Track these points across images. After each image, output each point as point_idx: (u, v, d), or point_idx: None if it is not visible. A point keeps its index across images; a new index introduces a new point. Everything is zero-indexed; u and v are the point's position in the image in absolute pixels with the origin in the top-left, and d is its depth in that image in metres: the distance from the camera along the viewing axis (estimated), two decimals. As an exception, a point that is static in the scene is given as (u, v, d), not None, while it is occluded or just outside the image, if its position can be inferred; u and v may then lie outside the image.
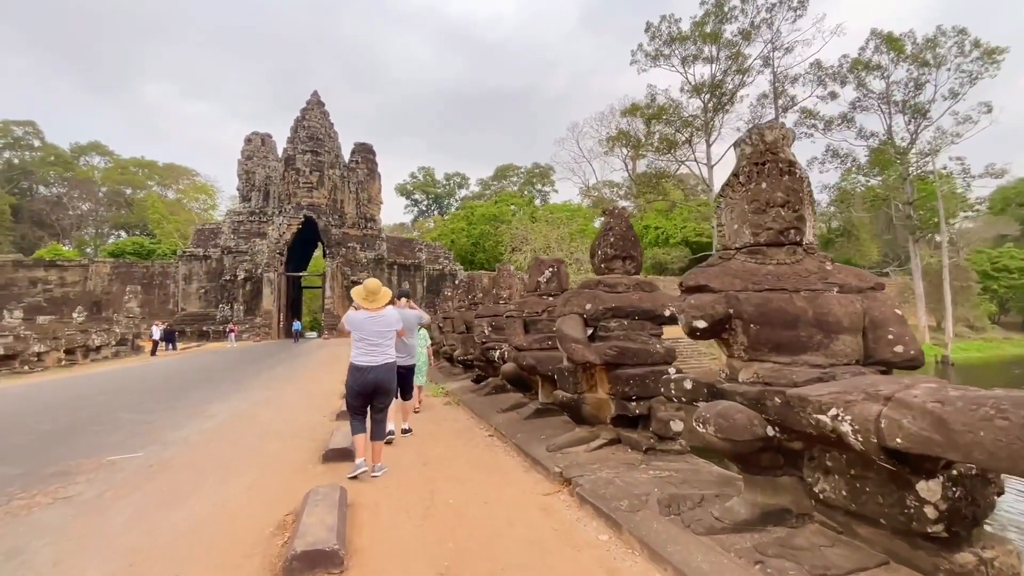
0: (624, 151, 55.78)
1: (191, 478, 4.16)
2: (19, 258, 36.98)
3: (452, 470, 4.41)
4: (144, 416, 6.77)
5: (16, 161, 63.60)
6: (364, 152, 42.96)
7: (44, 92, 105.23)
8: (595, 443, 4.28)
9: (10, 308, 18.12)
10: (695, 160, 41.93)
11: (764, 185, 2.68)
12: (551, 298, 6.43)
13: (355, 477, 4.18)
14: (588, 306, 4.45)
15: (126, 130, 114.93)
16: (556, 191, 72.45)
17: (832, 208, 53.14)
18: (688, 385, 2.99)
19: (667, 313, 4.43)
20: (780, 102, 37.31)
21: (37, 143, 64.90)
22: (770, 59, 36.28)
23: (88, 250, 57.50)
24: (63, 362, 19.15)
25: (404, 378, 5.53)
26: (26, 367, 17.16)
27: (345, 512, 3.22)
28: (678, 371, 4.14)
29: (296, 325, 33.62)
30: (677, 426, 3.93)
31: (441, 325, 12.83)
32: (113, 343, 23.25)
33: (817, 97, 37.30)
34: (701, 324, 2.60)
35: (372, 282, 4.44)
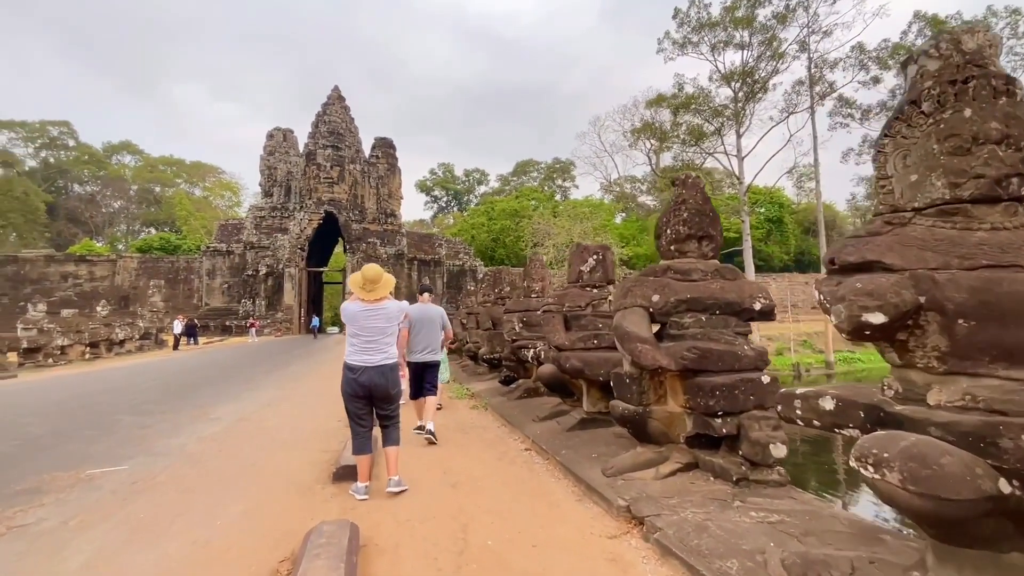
0: (648, 144, 54.12)
1: (176, 501, 3.47)
2: (51, 253, 37.84)
3: (487, 495, 3.62)
4: (143, 419, 6.19)
5: (52, 160, 65.41)
6: (384, 147, 42.62)
7: (78, 94, 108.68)
8: (665, 468, 3.43)
9: (34, 302, 18.14)
10: (724, 152, 40.23)
11: (968, 113, 1.79)
12: (595, 290, 5.58)
13: (366, 499, 3.49)
14: (655, 297, 3.59)
15: (156, 130, 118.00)
16: (577, 186, 71.14)
17: (869, 202, 50.70)
18: (828, 405, 2.11)
19: (756, 306, 3.54)
20: (817, 88, 35.39)
21: (71, 143, 66.69)
22: (807, 43, 34.36)
23: (120, 246, 58.90)
24: (87, 355, 19.15)
25: (430, 373, 5.33)
26: (50, 360, 17.14)
27: (355, 563, 2.46)
28: (772, 379, 3.27)
29: (315, 321, 33.44)
30: (778, 451, 3.05)
31: (464, 321, 12.09)
32: (137, 337, 23.31)
33: (859, 83, 35.17)
34: (878, 318, 1.73)
35: (370, 268, 3.69)
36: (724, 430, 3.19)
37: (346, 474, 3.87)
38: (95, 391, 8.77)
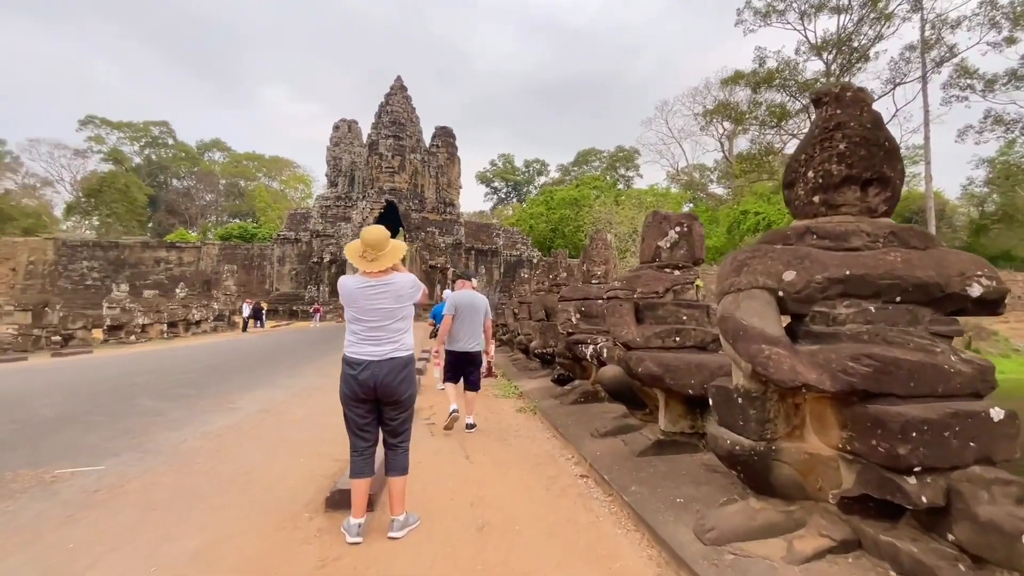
0: (721, 128, 50.02)
1: (125, 524, 2.71)
2: (147, 240, 41.51)
3: (525, 550, 2.55)
4: (163, 404, 5.75)
5: (154, 157, 72.14)
6: (444, 136, 42.53)
7: (177, 96, 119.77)
8: (806, 545, 2.17)
9: (118, 282, 19.45)
10: (813, 132, 35.88)
11: None
12: (677, 271, 4.29)
13: (358, 542, 2.57)
14: (789, 275, 2.31)
15: (242, 128, 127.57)
16: (641, 175, 67.72)
17: (988, 188, 43.58)
18: None
19: (973, 291, 2.15)
20: (932, 54, 30.40)
21: (171, 141, 73.16)
22: (920, 1, 29.50)
23: (210, 235, 63.99)
24: (165, 334, 20.28)
25: (473, 365, 5.11)
26: (132, 337, 18.22)
27: None
28: (1008, 414, 1.91)
29: (375, 307, 34.03)
30: (1042, 549, 1.70)
31: (516, 311, 11.07)
32: (211, 318, 24.62)
33: (988, 44, 29.80)
34: None
35: (373, 231, 2.74)
36: (924, 497, 1.88)
37: (343, 500, 2.96)
38: (141, 370, 8.72)
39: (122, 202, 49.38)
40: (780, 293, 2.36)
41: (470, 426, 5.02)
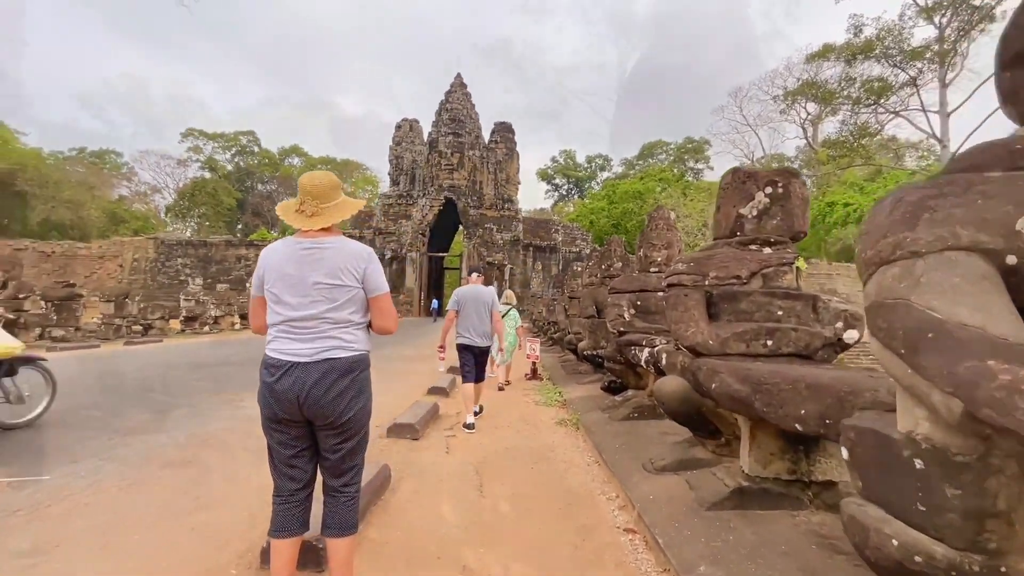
0: (803, 113, 45.00)
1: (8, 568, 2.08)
2: (230, 239, 44.84)
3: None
4: (173, 399, 5.38)
5: (242, 164, 78.43)
6: (503, 131, 42.05)
7: (264, 106, 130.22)
8: None
9: (193, 276, 20.70)
10: (922, 108, 31.06)
11: None
12: (768, 249, 3.07)
13: None
14: (1037, 219, 1.14)
15: (320, 134, 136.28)
16: (711, 167, 63.01)
17: None
18: None
19: None
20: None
21: (256, 149, 79.17)
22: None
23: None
24: (236, 326, 21.35)
25: (480, 360, 5.03)
26: (205, 328, 19.26)
27: None
28: None
29: (435, 303, 34.36)
30: None
31: (567, 307, 10.01)
32: (278, 312, 25.82)
33: None
34: None
35: (314, 178, 1.89)
36: None
37: (283, 554, 2.15)
38: (181, 362, 8.72)
39: (210, 205, 54.01)
40: (1010, 259, 1.19)
41: (475, 413, 5.10)
